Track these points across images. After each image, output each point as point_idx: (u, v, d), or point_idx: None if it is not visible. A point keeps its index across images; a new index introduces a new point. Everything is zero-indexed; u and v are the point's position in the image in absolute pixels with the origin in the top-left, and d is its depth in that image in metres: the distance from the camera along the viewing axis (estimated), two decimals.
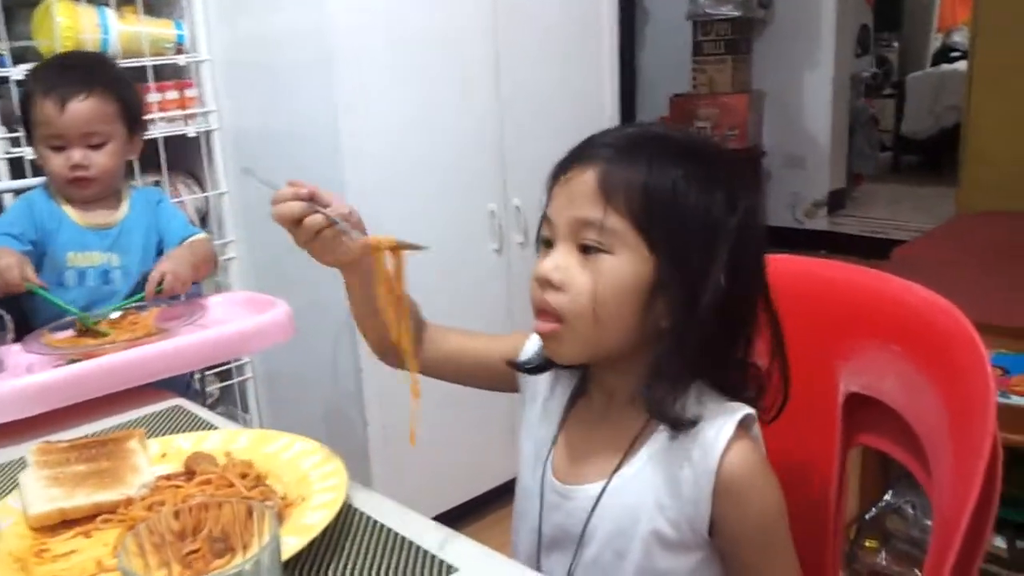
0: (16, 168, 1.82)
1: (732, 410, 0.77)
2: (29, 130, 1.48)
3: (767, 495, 0.77)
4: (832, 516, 0.89)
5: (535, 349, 0.89)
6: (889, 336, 0.83)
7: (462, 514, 2.19)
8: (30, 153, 1.64)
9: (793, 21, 4.64)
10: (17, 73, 1.76)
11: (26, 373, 1.16)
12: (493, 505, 2.24)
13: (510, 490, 0.94)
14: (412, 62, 1.99)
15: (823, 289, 0.93)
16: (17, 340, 1.33)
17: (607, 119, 2.44)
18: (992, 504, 0.62)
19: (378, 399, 2.03)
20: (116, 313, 1.34)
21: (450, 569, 0.72)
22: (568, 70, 2.35)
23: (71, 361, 1.16)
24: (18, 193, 1.56)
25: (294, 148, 2.03)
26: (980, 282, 1.98)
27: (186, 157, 2.21)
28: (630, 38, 4.96)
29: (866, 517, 1.79)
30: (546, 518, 0.85)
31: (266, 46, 2.06)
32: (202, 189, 2.24)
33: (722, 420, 0.76)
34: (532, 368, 0.89)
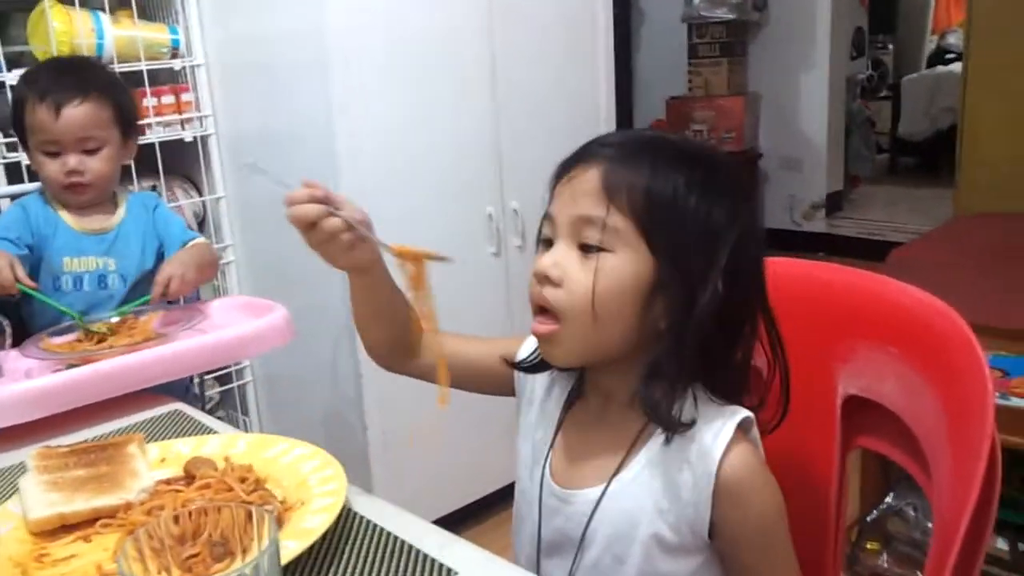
0: (13, 173, 1.81)
1: (730, 413, 0.77)
2: (22, 136, 1.47)
3: (767, 497, 0.77)
4: (832, 518, 0.89)
5: (533, 347, 0.89)
6: (887, 339, 0.83)
7: (462, 518, 2.18)
8: (27, 158, 1.63)
9: (788, 24, 4.64)
10: (12, 78, 1.75)
11: (25, 378, 1.16)
12: (493, 508, 2.24)
13: (510, 493, 0.94)
14: (408, 63, 1.99)
15: (821, 292, 0.93)
16: (15, 345, 1.33)
17: (603, 121, 2.44)
18: (992, 506, 0.62)
19: (378, 403, 2.03)
20: (115, 317, 1.34)
21: (450, 573, 0.72)
22: (564, 72, 2.34)
23: (70, 366, 1.16)
24: (15, 198, 1.56)
25: (290, 150, 2.03)
26: (977, 284, 1.98)
27: (183, 161, 2.22)
28: (626, 40, 4.97)
29: (867, 519, 1.79)
30: (545, 522, 0.85)
31: (261, 49, 2.06)
32: (199, 193, 2.24)
33: (720, 423, 0.76)
34: (530, 367, 0.89)
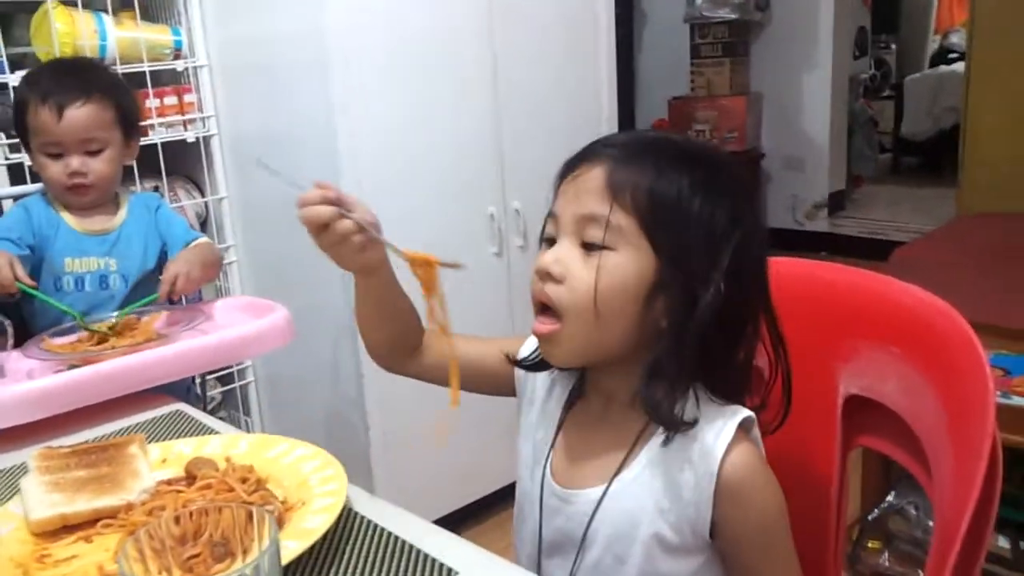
0: (16, 174, 1.82)
1: (731, 412, 0.77)
2: (24, 137, 1.47)
3: (768, 496, 0.77)
4: (833, 517, 0.89)
5: (534, 346, 0.89)
6: (889, 338, 0.83)
7: (462, 518, 2.19)
8: (29, 160, 1.64)
9: (790, 23, 4.64)
10: (15, 80, 1.76)
11: (26, 379, 1.16)
12: (494, 508, 2.24)
13: (510, 493, 0.94)
14: (408, 63, 1.99)
15: (823, 291, 0.93)
16: (17, 346, 1.33)
17: (605, 121, 2.44)
18: (993, 505, 0.62)
19: (379, 403, 2.03)
20: (115, 316, 1.34)
21: (450, 573, 0.72)
22: (565, 72, 2.34)
23: (71, 366, 1.16)
24: (18, 199, 1.56)
25: (291, 150, 2.03)
26: (980, 283, 1.98)
27: (185, 162, 2.22)
28: (628, 40, 4.97)
29: (868, 518, 1.79)
30: (546, 522, 0.85)
31: (262, 49, 2.06)
32: (202, 194, 2.24)
33: (721, 422, 0.76)
34: (532, 366, 0.89)
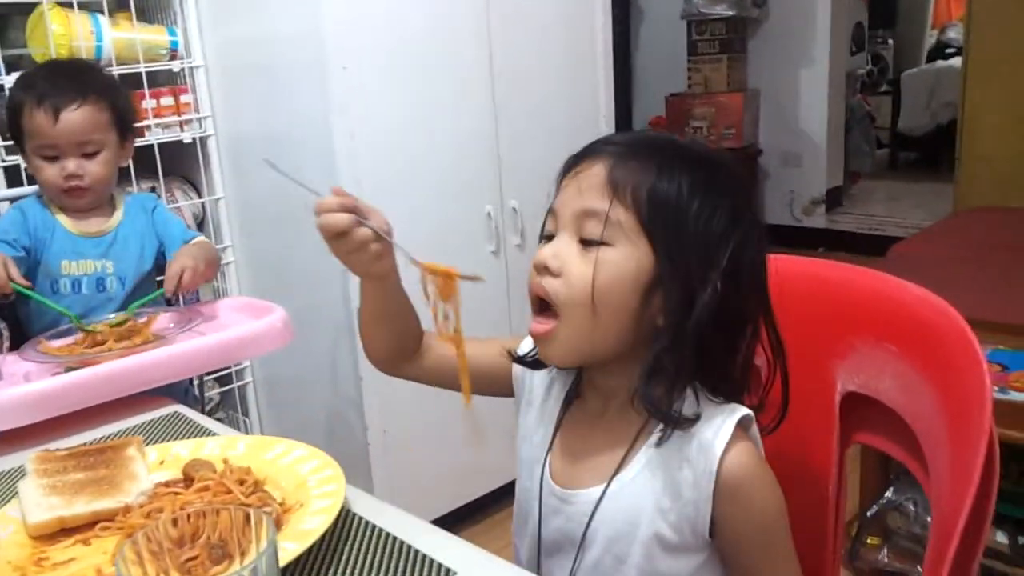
0: (12, 176, 1.81)
1: (730, 411, 0.77)
2: (19, 140, 1.46)
3: (767, 495, 0.77)
4: (831, 514, 0.89)
5: (532, 345, 0.88)
6: (885, 335, 0.83)
7: (461, 517, 2.19)
8: (24, 162, 1.63)
9: (787, 19, 4.64)
10: (11, 81, 1.75)
11: (24, 381, 1.16)
12: (492, 508, 2.24)
13: (509, 493, 0.94)
14: (407, 63, 1.99)
15: (820, 289, 0.93)
16: (13, 348, 1.33)
17: (603, 119, 2.44)
18: (990, 501, 0.62)
19: (378, 404, 2.03)
20: (114, 316, 1.34)
21: (449, 572, 0.72)
22: (563, 71, 2.34)
23: (69, 369, 1.16)
24: (14, 201, 1.56)
25: (290, 151, 2.02)
26: (978, 279, 1.98)
27: (182, 163, 2.22)
28: (625, 38, 4.96)
29: (867, 514, 1.79)
30: (546, 522, 0.85)
31: (259, 50, 2.06)
32: (199, 194, 2.24)
33: (720, 421, 0.76)
34: (532, 363, 0.89)
